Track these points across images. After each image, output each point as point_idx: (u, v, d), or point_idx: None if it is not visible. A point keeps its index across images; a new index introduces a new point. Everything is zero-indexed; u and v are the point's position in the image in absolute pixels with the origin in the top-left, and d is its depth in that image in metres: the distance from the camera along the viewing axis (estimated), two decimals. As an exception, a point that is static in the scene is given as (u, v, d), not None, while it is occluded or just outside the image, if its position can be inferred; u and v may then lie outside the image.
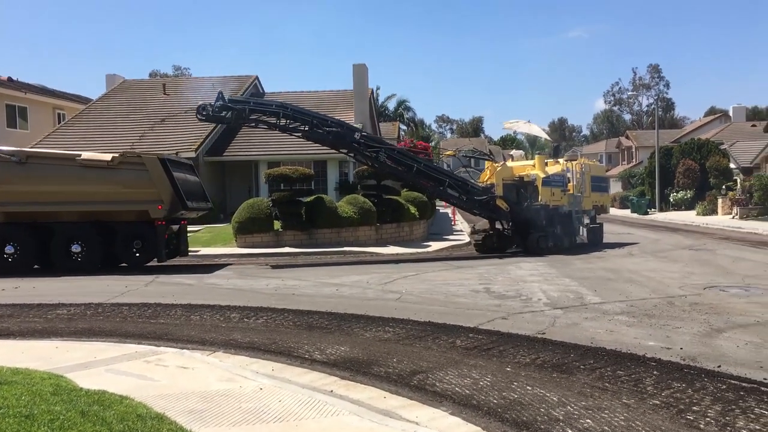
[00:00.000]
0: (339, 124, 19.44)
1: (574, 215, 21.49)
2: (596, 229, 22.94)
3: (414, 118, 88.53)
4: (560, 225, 20.78)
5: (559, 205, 20.82)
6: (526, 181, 20.68)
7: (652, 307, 10.10)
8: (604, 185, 24.74)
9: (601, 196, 24.07)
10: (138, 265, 17.37)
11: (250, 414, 5.39)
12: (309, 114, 19.57)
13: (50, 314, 10.72)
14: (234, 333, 9.02)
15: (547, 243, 19.90)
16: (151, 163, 16.89)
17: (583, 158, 26.25)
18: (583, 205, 22.14)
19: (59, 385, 5.75)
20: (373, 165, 20.91)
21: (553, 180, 20.77)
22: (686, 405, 5.61)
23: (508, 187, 20.53)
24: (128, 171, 16.93)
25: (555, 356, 7.30)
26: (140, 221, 17.06)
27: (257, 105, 19.54)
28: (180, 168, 18.37)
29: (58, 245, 16.95)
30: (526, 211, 20.11)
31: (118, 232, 17.23)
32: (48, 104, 39.77)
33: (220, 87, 37.43)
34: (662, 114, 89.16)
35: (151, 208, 16.77)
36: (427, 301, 11.26)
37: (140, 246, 17.33)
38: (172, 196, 16.84)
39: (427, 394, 6.12)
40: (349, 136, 19.42)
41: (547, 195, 20.35)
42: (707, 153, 46.44)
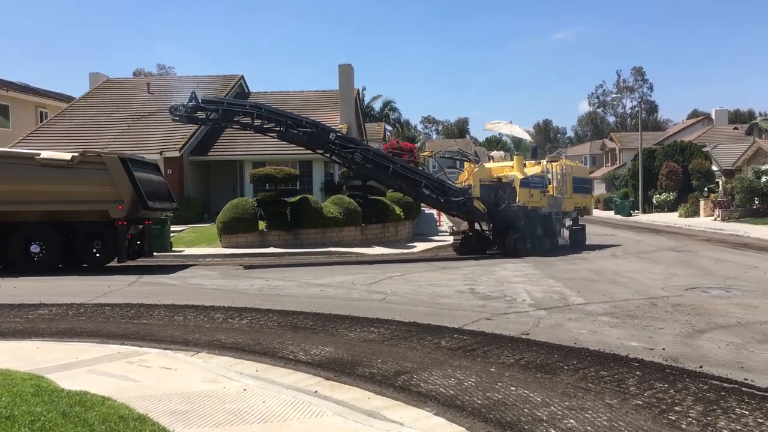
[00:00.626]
0: (314, 125, 19.35)
1: (554, 217, 21.33)
2: (578, 230, 22.95)
3: (400, 119, 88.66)
4: (541, 226, 20.75)
5: (538, 207, 20.70)
6: (505, 182, 20.61)
7: (635, 308, 10.17)
8: (586, 186, 24.59)
9: (584, 198, 23.93)
10: (98, 266, 17.23)
11: (233, 415, 5.36)
12: (283, 114, 19.51)
13: (31, 314, 10.61)
14: (218, 333, 8.97)
15: (525, 245, 19.80)
16: (111, 163, 16.73)
17: (565, 159, 25.99)
18: (565, 207, 22.00)
19: (40, 386, 5.68)
20: (348, 166, 20.91)
21: (531, 181, 20.67)
22: (668, 405, 5.65)
23: (486, 189, 20.46)
24: (88, 170, 16.77)
25: (539, 357, 7.32)
26: (101, 221, 16.93)
27: (231, 105, 19.49)
28: (143, 168, 18.22)
29: (16, 245, 16.76)
30: (504, 212, 20.07)
31: (79, 232, 17.09)
32: (30, 102, 39.39)
33: (206, 86, 37.33)
34: (646, 116, 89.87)
35: (112, 208, 16.63)
36: (412, 302, 11.27)
37: (101, 246, 17.23)
38: (133, 196, 16.68)
39: (411, 395, 6.12)
40: (324, 136, 19.33)
41: (525, 196, 20.27)
42: (690, 155, 46.89)
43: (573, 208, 22.81)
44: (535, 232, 20.53)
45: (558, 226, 21.75)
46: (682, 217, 39.13)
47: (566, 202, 22.05)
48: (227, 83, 38.14)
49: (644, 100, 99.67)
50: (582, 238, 22.76)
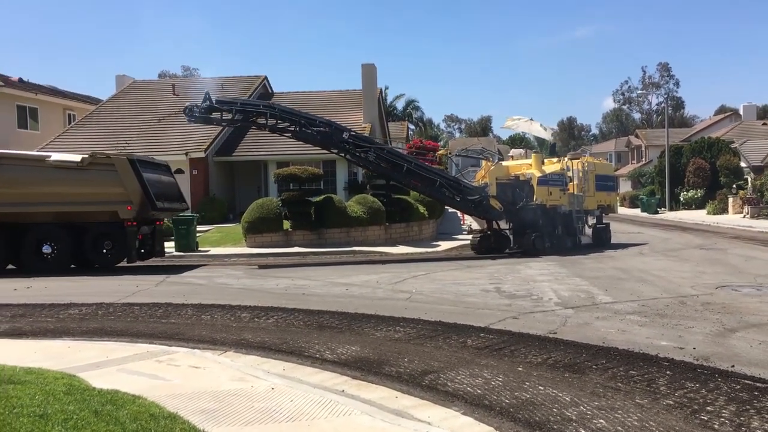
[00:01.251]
0: (327, 124, 19.38)
1: (575, 215, 20.94)
2: (602, 229, 22.55)
3: (422, 118, 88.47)
4: (561, 225, 20.48)
5: (557, 205, 20.37)
6: (522, 180, 20.34)
7: (664, 307, 10.04)
8: (610, 184, 24.05)
9: (608, 196, 23.38)
10: (108, 266, 17.44)
11: (262, 413, 5.40)
12: (297, 114, 19.57)
13: (62, 314, 10.77)
14: (245, 333, 9.03)
15: (544, 244, 19.54)
16: (120, 164, 16.93)
17: (588, 157, 25.39)
18: (586, 205, 21.58)
19: (72, 384, 5.77)
20: (362, 165, 20.85)
21: (550, 179, 20.36)
22: (700, 405, 5.57)
23: (503, 187, 20.19)
24: (98, 172, 16.99)
25: (567, 356, 7.26)
26: (111, 222, 17.11)
27: (244, 105, 19.52)
28: (153, 169, 18.42)
29: (28, 246, 17.03)
30: (522, 210, 19.81)
31: (89, 233, 17.30)
32: (58, 105, 39.97)
33: (230, 87, 37.60)
34: (672, 113, 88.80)
35: (121, 208, 16.83)
36: (438, 301, 11.24)
37: (111, 246, 17.43)
38: (142, 197, 16.87)
39: (438, 394, 6.11)
40: (337, 135, 19.33)
41: (543, 194, 19.98)
42: (718, 152, 46.17)
43: (596, 206, 22.30)
44: (555, 231, 20.29)
45: (580, 225, 21.36)
46: (710, 214, 38.55)
47: (588, 200, 21.64)
48: (251, 84, 38.37)
49: (670, 96, 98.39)
50: (606, 236, 22.36)
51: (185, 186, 30.29)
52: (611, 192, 23.89)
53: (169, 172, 19.97)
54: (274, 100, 38.71)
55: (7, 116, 35.26)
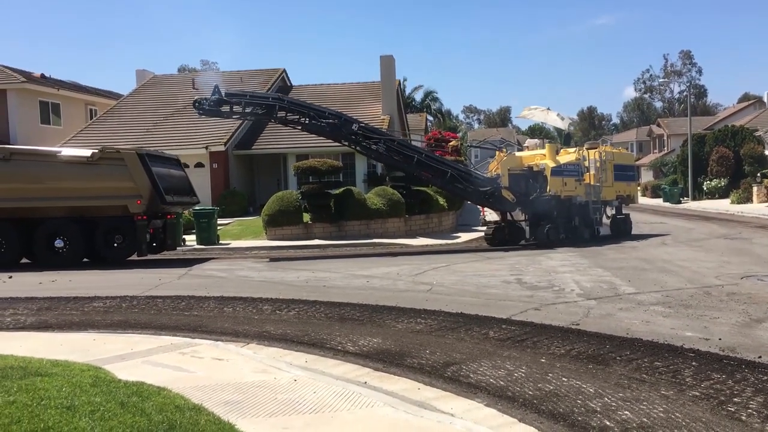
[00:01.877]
0: (336, 116, 19.33)
1: (592, 206, 20.42)
2: (621, 220, 22.09)
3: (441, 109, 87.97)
4: (578, 216, 20.13)
5: (573, 196, 19.97)
6: (536, 171, 19.96)
7: (689, 297, 9.93)
8: (630, 174, 23.43)
9: (628, 186, 22.78)
10: (118, 260, 17.60)
11: (285, 405, 5.42)
12: (305, 106, 19.57)
13: (86, 307, 10.90)
14: (267, 325, 9.08)
15: (558, 235, 19.31)
16: (129, 158, 17.08)
17: (606, 146, 24.66)
18: (604, 196, 21.04)
19: (98, 376, 5.84)
20: (373, 156, 20.76)
21: (565, 169, 19.97)
22: (727, 396, 5.50)
23: (516, 178, 19.84)
24: (108, 166, 17.16)
25: (590, 347, 7.21)
26: (121, 216, 17.29)
27: (253, 98, 19.53)
28: (163, 163, 18.56)
29: (41, 240, 17.25)
30: (536, 202, 19.47)
31: (100, 227, 17.48)
32: (80, 100, 40.34)
33: (249, 80, 37.70)
34: (694, 101, 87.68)
35: (130, 202, 17.01)
36: (459, 293, 11.21)
37: (121, 240, 17.61)
38: (151, 191, 17.01)
39: (461, 386, 6.10)
40: (347, 127, 19.25)
41: (557, 185, 19.61)
42: (741, 140, 45.46)
43: (615, 197, 21.77)
44: (571, 222, 19.97)
45: (597, 216, 20.84)
46: (733, 203, 38.02)
47: (606, 190, 21.12)
48: (269, 77, 38.44)
49: (693, 84, 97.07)
50: (625, 227, 21.89)
51: (205, 179, 30.54)
52: (631, 182, 23.31)
53: (179, 166, 20.13)
54: (292, 92, 38.80)
55: (31, 112, 35.67)
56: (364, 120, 33.33)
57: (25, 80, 35.64)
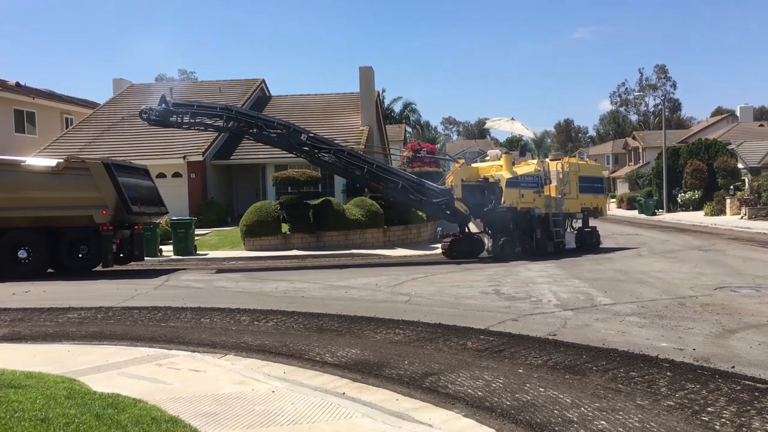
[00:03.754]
0: (285, 126, 19.12)
1: (552, 218, 19.93)
2: (587, 233, 21.63)
3: (420, 121, 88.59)
4: (539, 229, 19.69)
5: (531, 208, 19.57)
6: (492, 182, 19.56)
7: (663, 308, 10.05)
8: (598, 186, 22.64)
9: (595, 198, 22.06)
10: (84, 270, 17.37)
11: (263, 416, 5.39)
12: (254, 116, 19.46)
13: (61, 318, 10.76)
14: (244, 336, 9.02)
15: (513, 248, 18.81)
16: (95, 168, 16.93)
17: (570, 157, 23.97)
18: (567, 208, 20.62)
19: (73, 388, 5.76)
20: (323, 167, 20.52)
21: (523, 181, 19.58)
22: (701, 406, 5.58)
23: (472, 189, 19.42)
24: (73, 176, 16.99)
25: (567, 358, 7.27)
26: (87, 226, 17.09)
27: (201, 108, 19.32)
28: (130, 173, 18.42)
29: (4, 250, 16.98)
30: (490, 213, 19.23)
31: (65, 237, 17.27)
32: (56, 109, 39.93)
33: (227, 91, 37.60)
34: (669, 114, 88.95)
35: (96, 213, 16.82)
36: (437, 303, 11.24)
37: (86, 251, 17.42)
38: (117, 201, 16.85)
39: (439, 396, 6.11)
40: (295, 138, 18.99)
41: (513, 196, 19.23)
42: (715, 153, 46.24)
43: (580, 209, 21.36)
44: (531, 235, 19.56)
45: (560, 229, 20.29)
46: (707, 215, 38.61)
47: (570, 202, 20.72)
48: (248, 87, 38.36)
49: (667, 98, 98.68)
50: (591, 240, 21.42)
51: (183, 189, 30.35)
52: (599, 194, 22.56)
53: (147, 176, 19.96)
54: (271, 103, 38.78)
55: (5, 120, 35.23)
56: (343, 131, 33.53)
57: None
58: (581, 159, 27.24)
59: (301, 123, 34.59)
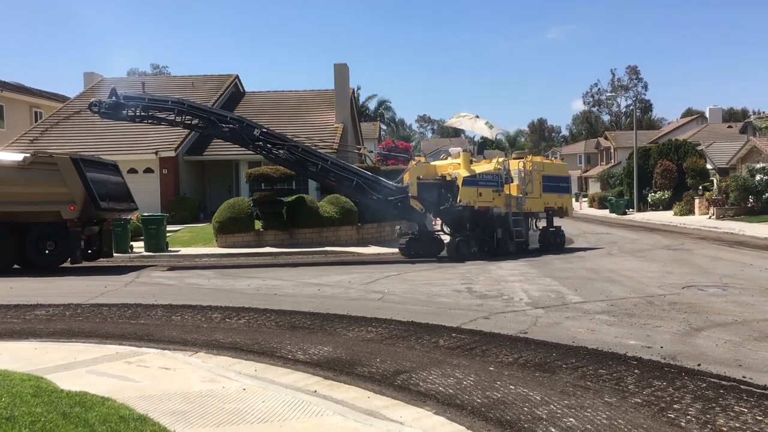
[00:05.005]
0: (238, 121, 19.03)
1: (512, 217, 19.56)
2: (552, 233, 21.49)
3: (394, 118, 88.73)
4: (501, 228, 19.36)
5: (490, 207, 19.17)
6: (449, 180, 19.20)
7: (632, 307, 10.20)
8: (563, 186, 22.13)
9: (560, 198, 21.70)
10: (50, 267, 17.16)
11: (233, 415, 5.36)
12: (206, 110, 19.29)
13: (28, 315, 10.58)
14: (216, 333, 8.96)
15: (469, 248, 18.40)
16: (63, 163, 16.72)
17: (533, 156, 23.33)
18: (529, 207, 20.29)
19: (39, 386, 5.67)
20: (277, 162, 20.39)
21: (481, 179, 19.13)
22: (667, 403, 5.67)
23: (428, 187, 19.10)
24: (40, 171, 16.74)
25: (537, 355, 7.34)
26: (54, 222, 16.86)
27: (152, 101, 19.10)
28: (99, 168, 18.20)
29: None
30: (446, 212, 19.06)
31: (31, 233, 17.01)
32: (25, 102, 39.26)
33: (200, 86, 37.27)
34: (640, 115, 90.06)
35: (63, 208, 16.61)
36: (410, 301, 11.27)
37: (53, 247, 17.20)
38: (85, 197, 16.65)
39: (411, 394, 6.13)
40: (248, 133, 18.85)
41: (471, 195, 18.75)
42: (684, 154, 46.96)
43: (543, 209, 21.12)
44: (490, 235, 19.24)
45: (521, 228, 19.88)
46: (677, 215, 39.21)
47: (533, 201, 20.44)
48: (222, 83, 38.07)
49: (639, 98, 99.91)
50: (556, 240, 21.27)
51: (155, 185, 30.03)
52: (564, 194, 22.08)
53: (117, 172, 19.69)
54: (245, 99, 38.53)
55: (-28, 113, 34.54)
56: (318, 128, 33.43)
57: (-34, 80, 34.50)
58: (547, 158, 26.95)
59: (275, 120, 34.56)
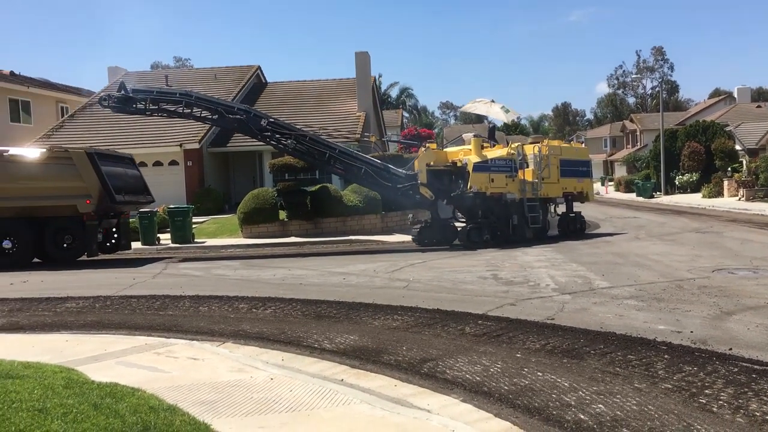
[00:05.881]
0: (245, 111, 19.10)
1: (527, 203, 18.98)
2: (571, 218, 20.88)
3: (417, 106, 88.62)
4: (516, 215, 18.85)
5: (503, 193, 18.57)
6: (460, 166, 18.80)
7: (661, 291, 10.06)
8: (583, 170, 21.54)
9: (579, 182, 21.09)
10: (68, 260, 17.35)
11: (261, 404, 5.40)
12: (214, 102, 19.33)
13: (59, 308, 10.76)
14: (243, 323, 9.03)
15: (481, 236, 17.99)
16: (78, 158, 16.90)
17: (551, 140, 22.74)
18: (546, 192, 19.69)
19: (71, 378, 5.76)
20: (285, 152, 20.42)
21: (493, 165, 18.60)
22: (698, 388, 5.59)
23: (439, 174, 18.74)
24: (56, 166, 16.98)
25: (565, 341, 7.28)
26: (71, 216, 17.07)
27: (161, 94, 19.20)
28: (115, 162, 18.41)
29: None
30: (457, 199, 18.54)
31: (49, 227, 17.25)
32: (51, 98, 39.76)
33: (223, 77, 37.43)
34: (667, 97, 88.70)
35: (80, 202, 16.80)
36: (435, 289, 11.25)
37: (71, 241, 17.42)
38: (100, 191, 16.82)
39: (437, 382, 6.12)
40: (255, 123, 18.86)
41: (482, 181, 18.23)
42: (712, 135, 46.16)
43: (561, 194, 20.53)
44: (505, 221, 18.76)
45: (536, 214, 19.25)
46: (705, 197, 38.63)
47: (550, 186, 19.83)
48: (243, 74, 38.20)
49: (665, 80, 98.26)
50: (575, 226, 20.68)
51: (180, 177, 30.31)
52: (583, 178, 21.45)
53: (132, 165, 19.93)
54: (267, 89, 38.63)
55: (0, 110, 35.06)
56: (339, 117, 33.43)
57: (-7, 78, 35.01)
58: (565, 142, 26.58)
59: (297, 109, 34.63)
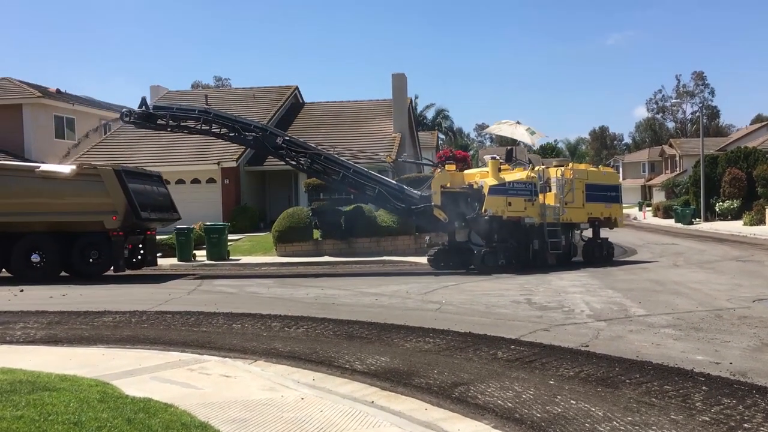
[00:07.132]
0: (262, 129, 19.21)
1: (548, 228, 18.44)
2: (597, 244, 20.24)
3: (452, 127, 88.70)
4: (537, 239, 18.36)
5: (522, 216, 18.07)
6: (476, 189, 18.28)
7: (700, 320, 9.85)
8: (612, 195, 20.75)
9: (606, 207, 20.34)
10: (94, 275, 17.64)
11: (292, 424, 5.40)
12: (231, 119, 19.43)
13: (96, 321, 10.95)
14: (275, 342, 9.07)
15: (496, 260, 17.51)
16: (106, 175, 17.26)
17: (576, 164, 22.03)
18: (569, 217, 19.04)
19: (106, 392, 5.86)
20: (300, 170, 20.46)
21: (511, 188, 18.09)
22: (737, 422, 5.44)
23: (454, 196, 18.21)
24: (85, 182, 17.37)
25: (599, 369, 7.15)
26: (98, 231, 17.38)
27: (180, 110, 19.31)
28: (143, 179, 18.80)
29: (18, 254, 17.38)
30: (472, 222, 18.09)
31: (77, 242, 17.58)
32: (94, 115, 40.75)
33: (261, 97, 38.00)
34: (707, 122, 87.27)
35: (106, 218, 17.11)
36: (468, 312, 11.17)
37: (97, 256, 17.72)
38: (126, 207, 17.12)
39: (468, 407, 6.06)
40: (271, 141, 18.87)
41: (498, 204, 17.72)
42: (754, 161, 45.16)
43: (586, 219, 19.76)
44: (524, 246, 18.31)
45: (559, 239, 18.67)
46: (746, 225, 37.73)
47: (574, 211, 19.17)
48: (282, 94, 38.73)
49: (705, 105, 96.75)
50: (601, 253, 19.96)
51: (217, 195, 30.75)
52: (612, 203, 20.67)
53: (160, 183, 20.30)
54: (305, 109, 39.09)
55: (45, 126, 36.11)
56: (375, 138, 33.62)
57: (40, 95, 36.11)
58: (598, 166, 26.04)
59: (333, 130, 34.96)
